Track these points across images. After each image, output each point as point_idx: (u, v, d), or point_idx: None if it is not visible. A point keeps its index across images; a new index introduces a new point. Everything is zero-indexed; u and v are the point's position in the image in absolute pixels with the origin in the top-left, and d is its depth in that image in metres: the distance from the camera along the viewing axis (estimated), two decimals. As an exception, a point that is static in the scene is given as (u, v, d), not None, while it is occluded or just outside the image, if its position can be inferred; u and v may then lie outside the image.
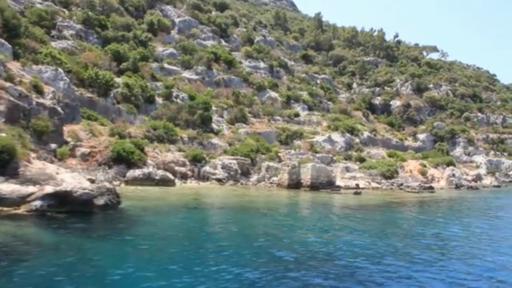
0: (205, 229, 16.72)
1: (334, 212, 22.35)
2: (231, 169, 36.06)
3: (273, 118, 53.07)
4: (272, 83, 61.00)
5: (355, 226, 17.84)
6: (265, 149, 41.61)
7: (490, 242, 15.64)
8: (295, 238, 15.36)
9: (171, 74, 55.99)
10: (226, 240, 14.52)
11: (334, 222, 19.15)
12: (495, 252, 14.02)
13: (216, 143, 41.98)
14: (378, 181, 42.65)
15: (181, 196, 25.57)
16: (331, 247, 13.98)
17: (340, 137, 51.24)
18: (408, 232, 17.38)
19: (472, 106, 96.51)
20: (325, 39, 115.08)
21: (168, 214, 19.16)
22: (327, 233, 16.68)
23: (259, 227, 17.39)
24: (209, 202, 24.25)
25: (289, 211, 22.08)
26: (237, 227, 17.22)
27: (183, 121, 43.93)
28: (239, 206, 23.41)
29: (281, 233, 16.18)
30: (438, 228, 18.64)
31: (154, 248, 12.87)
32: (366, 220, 19.86)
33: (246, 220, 19.06)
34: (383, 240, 15.41)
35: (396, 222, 19.57)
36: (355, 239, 15.41)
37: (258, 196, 28.63)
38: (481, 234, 17.20)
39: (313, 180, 34.10)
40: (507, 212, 25.39)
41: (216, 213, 20.51)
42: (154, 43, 61.58)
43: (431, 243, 15.24)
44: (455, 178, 48.44)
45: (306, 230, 17.03)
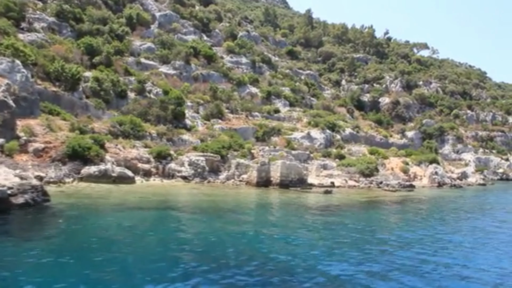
0: (133, 231, 15.08)
1: (287, 214, 20.54)
2: (198, 166, 34.41)
3: (252, 114, 51.42)
4: (253, 79, 59.36)
5: (296, 232, 16.18)
6: (238, 145, 39.97)
7: (441, 249, 14.05)
8: (210, 242, 13.80)
9: (147, 69, 54.30)
10: (143, 246, 12.92)
11: (276, 226, 17.37)
12: (435, 263, 12.45)
13: (187, 139, 40.33)
14: (356, 179, 41.11)
15: (133, 194, 23.93)
16: (249, 252, 12.45)
17: (319, 134, 49.66)
18: (350, 236, 15.69)
19: (462, 104, 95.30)
20: (315, 36, 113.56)
21: (102, 214, 17.53)
22: (257, 237, 15.10)
23: (188, 229, 15.80)
24: (158, 200, 22.59)
25: (233, 212, 20.35)
26: (166, 230, 15.65)
27: (154, 116, 42.24)
28: (189, 205, 21.79)
29: (203, 238, 14.54)
30: (391, 232, 17.01)
31: (53, 252, 11.28)
32: (316, 223, 18.23)
33: (181, 222, 17.44)
34: (317, 247, 13.85)
35: (347, 225, 17.83)
36: (283, 247, 13.82)
37: (217, 195, 27.00)
38: (435, 240, 15.55)
39: (283, 178, 32.52)
40: (474, 214, 23.69)
41: (157, 214, 18.84)
42: (132, 37, 59.86)
43: (374, 251, 13.65)
44: (437, 176, 46.95)
45: (233, 236, 15.37)
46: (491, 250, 14.19)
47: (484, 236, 16.67)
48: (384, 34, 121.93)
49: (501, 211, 25.85)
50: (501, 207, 28.38)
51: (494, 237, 16.34)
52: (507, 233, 17.29)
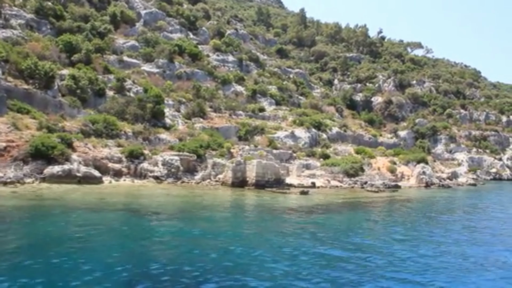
0: (71, 235, 13.77)
1: (248, 219, 19.15)
2: (173, 166, 33.12)
3: (235, 113, 50.14)
4: (239, 77, 58.08)
5: (244, 240, 14.88)
6: (217, 145, 38.68)
7: (386, 264, 12.67)
8: (149, 247, 12.52)
9: (130, 67, 53.01)
10: (78, 252, 11.64)
11: (224, 233, 15.89)
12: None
13: (165, 139, 39.07)
14: (340, 179, 39.86)
15: (93, 195, 22.64)
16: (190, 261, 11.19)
17: (304, 133, 48.39)
18: (304, 244, 14.37)
19: (455, 103, 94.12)
20: (308, 35, 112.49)
21: (43, 217, 16.22)
22: (202, 244, 13.82)
23: (133, 234, 14.51)
24: (117, 202, 21.27)
25: (188, 214, 19.04)
26: (114, 233, 14.40)
27: (131, 115, 40.93)
28: (146, 207, 20.47)
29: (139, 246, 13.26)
30: (352, 238, 15.63)
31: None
32: (275, 230, 16.88)
33: (131, 225, 16.15)
34: (259, 258, 12.57)
35: (309, 230, 16.56)
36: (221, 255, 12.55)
37: (184, 196, 25.74)
38: (385, 252, 14.09)
39: (259, 178, 31.23)
40: (450, 217, 22.22)
41: (109, 216, 17.52)
42: (116, 35, 58.58)
43: (323, 259, 12.39)
44: (425, 176, 45.69)
45: (175, 240, 14.09)
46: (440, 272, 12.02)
47: (444, 250, 14.16)
48: (378, 33, 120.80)
49: (479, 215, 24.33)
50: (481, 210, 26.89)
51: (452, 253, 13.96)
52: (467, 247, 14.97)
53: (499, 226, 19.48)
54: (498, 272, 11.85)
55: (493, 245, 14.94)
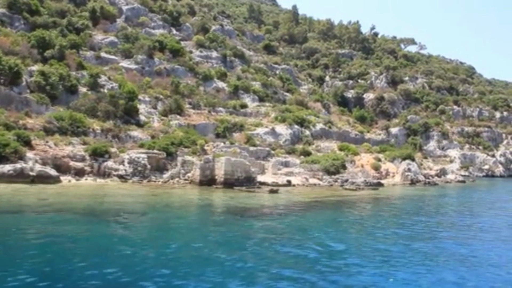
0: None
1: (195, 221, 17.39)
2: (139, 165, 31.49)
3: (215, 109, 48.52)
4: (221, 73, 56.44)
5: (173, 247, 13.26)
6: (190, 142, 37.08)
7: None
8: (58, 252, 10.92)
9: (107, 64, 51.41)
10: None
11: (155, 239, 14.19)
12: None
13: (136, 136, 37.45)
14: (320, 177, 38.26)
15: (36, 196, 21.04)
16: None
17: (286, 129, 46.78)
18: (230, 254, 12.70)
19: (448, 99, 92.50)
20: (299, 32, 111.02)
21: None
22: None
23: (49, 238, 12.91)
24: (54, 203, 19.59)
25: (127, 216, 17.37)
26: (30, 235, 12.82)
27: (103, 112, 39.29)
28: (87, 208, 18.84)
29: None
30: (289, 246, 13.85)
31: None
32: (216, 235, 15.23)
33: (57, 227, 14.54)
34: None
35: (252, 235, 14.85)
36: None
37: (141, 195, 24.18)
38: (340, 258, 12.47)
39: (227, 176, 29.62)
40: (414, 221, 19.77)
41: (24, 219, 15.86)
42: (95, 31, 56.96)
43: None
44: (410, 173, 44.11)
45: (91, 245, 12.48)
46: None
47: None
48: (371, 29, 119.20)
49: (435, 218, 21.98)
50: (457, 210, 25.05)
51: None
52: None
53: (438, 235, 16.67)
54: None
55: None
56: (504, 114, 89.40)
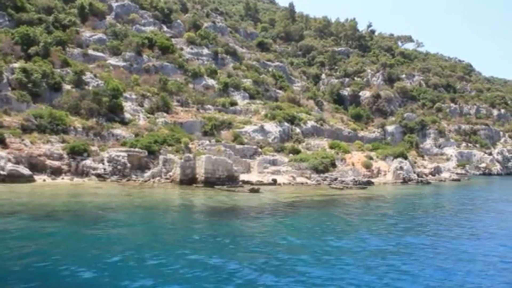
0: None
1: (164, 224, 16.36)
2: (119, 163, 30.58)
3: (204, 107, 47.55)
4: (211, 70, 55.46)
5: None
6: (174, 140, 36.14)
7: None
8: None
9: (95, 61, 50.50)
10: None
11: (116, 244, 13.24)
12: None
13: (119, 134, 36.50)
14: (308, 175, 37.29)
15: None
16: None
17: (275, 127, 45.79)
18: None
19: (445, 96, 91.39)
20: (296, 30, 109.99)
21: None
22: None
23: None
24: (10, 203, 18.62)
25: (92, 219, 16.39)
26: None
27: (86, 109, 38.34)
28: (47, 209, 17.88)
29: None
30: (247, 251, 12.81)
31: None
32: (183, 236, 14.26)
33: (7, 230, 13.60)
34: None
35: (214, 240, 13.88)
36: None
37: (114, 195, 23.18)
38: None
39: (208, 175, 28.68)
40: (386, 224, 17.73)
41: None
42: (83, 28, 56.04)
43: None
44: (402, 171, 43.10)
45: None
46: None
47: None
48: (367, 27, 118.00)
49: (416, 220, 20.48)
50: (440, 214, 23.44)
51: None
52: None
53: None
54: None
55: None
56: (501, 111, 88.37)
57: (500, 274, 10.84)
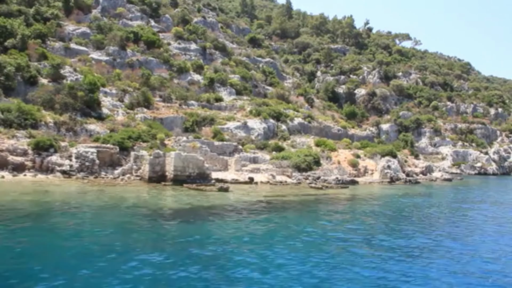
0: None
1: (99, 227, 14.99)
2: (87, 160, 29.19)
3: (187, 102, 46.16)
4: (197, 65, 54.04)
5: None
6: (150, 136, 34.76)
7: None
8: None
9: (77, 55, 49.18)
10: None
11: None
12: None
13: (93, 130, 35.13)
14: (289, 174, 35.87)
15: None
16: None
17: (260, 124, 44.35)
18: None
19: (442, 95, 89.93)
20: (292, 27, 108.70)
21: None
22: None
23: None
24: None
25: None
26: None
27: (60, 104, 36.99)
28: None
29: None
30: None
31: None
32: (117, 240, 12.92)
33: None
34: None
35: (144, 243, 12.57)
36: None
37: (69, 192, 21.82)
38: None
39: (177, 173, 27.30)
40: (344, 232, 15.48)
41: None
42: (67, 21, 54.73)
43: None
44: (390, 170, 41.64)
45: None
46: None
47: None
48: (365, 24, 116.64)
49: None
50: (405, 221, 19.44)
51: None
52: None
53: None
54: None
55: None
56: (499, 110, 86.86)
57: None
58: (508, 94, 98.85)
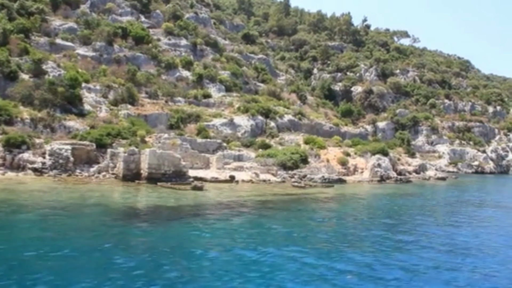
0: None
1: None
2: (61, 157, 28.16)
3: (173, 99, 45.10)
4: (186, 61, 52.93)
5: None
6: (130, 133, 33.74)
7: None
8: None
9: (63, 50, 48.15)
10: None
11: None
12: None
13: (72, 126, 34.11)
14: (274, 172, 34.79)
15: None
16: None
17: (247, 121, 43.25)
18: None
19: (439, 93, 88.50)
20: (289, 24, 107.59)
21: None
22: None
23: None
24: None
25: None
26: None
27: (40, 100, 35.97)
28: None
29: None
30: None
31: None
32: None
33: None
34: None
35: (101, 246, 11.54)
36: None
37: (31, 190, 20.80)
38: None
39: (152, 170, 26.25)
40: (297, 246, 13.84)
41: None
42: (54, 16, 53.71)
43: None
44: (380, 169, 40.49)
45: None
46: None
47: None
48: (363, 21, 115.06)
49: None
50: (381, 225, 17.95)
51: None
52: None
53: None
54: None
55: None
56: (497, 108, 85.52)
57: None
58: (507, 92, 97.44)
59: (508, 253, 13.42)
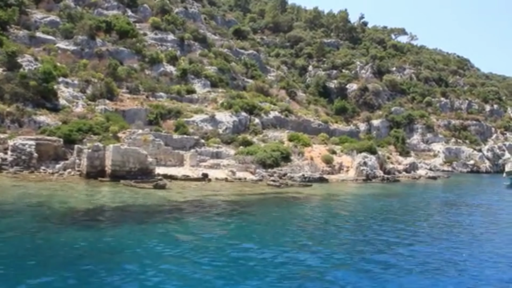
0: None
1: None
2: (24, 153, 26.85)
3: (155, 94, 43.75)
4: (171, 56, 51.54)
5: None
6: (102, 129, 32.41)
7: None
8: None
9: (43, 44, 46.84)
10: None
11: None
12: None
13: (43, 121, 32.82)
14: (253, 170, 33.41)
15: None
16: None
17: (229, 117, 41.87)
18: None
19: (436, 90, 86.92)
20: (285, 20, 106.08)
21: None
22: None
23: None
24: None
25: None
26: None
27: (10, 94, 34.67)
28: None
29: None
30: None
31: None
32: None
33: None
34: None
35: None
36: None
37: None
38: None
39: (116, 168, 24.91)
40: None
41: None
42: (35, 9, 52.41)
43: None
44: (366, 167, 39.06)
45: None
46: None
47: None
48: (359, 18, 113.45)
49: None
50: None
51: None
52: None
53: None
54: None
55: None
56: (494, 107, 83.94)
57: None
58: (506, 91, 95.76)
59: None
